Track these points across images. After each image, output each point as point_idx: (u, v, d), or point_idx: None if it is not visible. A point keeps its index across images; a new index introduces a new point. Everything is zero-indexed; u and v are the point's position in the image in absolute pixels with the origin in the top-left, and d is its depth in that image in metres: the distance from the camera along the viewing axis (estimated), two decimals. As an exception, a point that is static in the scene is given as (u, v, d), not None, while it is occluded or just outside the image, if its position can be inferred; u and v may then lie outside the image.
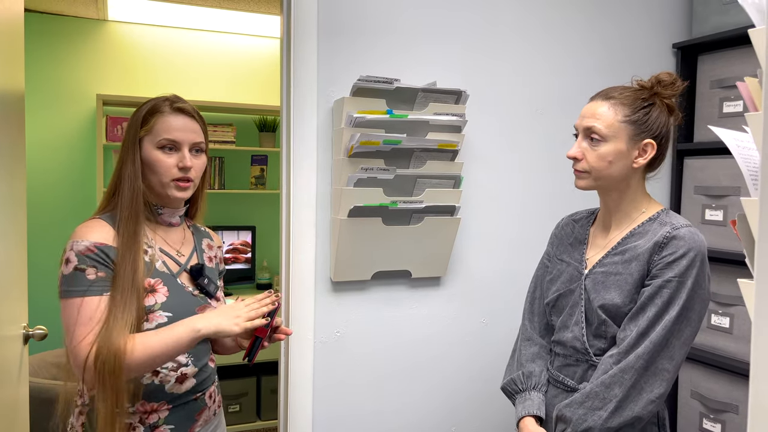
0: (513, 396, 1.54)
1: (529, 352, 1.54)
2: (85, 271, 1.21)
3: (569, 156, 1.40)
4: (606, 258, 1.42)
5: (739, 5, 2.13)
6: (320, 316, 1.91)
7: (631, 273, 1.35)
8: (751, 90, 0.61)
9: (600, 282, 1.40)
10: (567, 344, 1.46)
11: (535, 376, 1.50)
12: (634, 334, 1.30)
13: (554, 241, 1.61)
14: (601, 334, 1.39)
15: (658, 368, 1.29)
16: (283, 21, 1.87)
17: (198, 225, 1.49)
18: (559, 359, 1.49)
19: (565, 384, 1.45)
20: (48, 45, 3.66)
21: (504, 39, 2.10)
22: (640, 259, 1.34)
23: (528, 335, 1.57)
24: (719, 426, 2.06)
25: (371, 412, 2.00)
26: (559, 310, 1.50)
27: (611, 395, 1.29)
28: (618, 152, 1.35)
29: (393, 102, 1.85)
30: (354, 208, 1.77)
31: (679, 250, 1.30)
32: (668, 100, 1.38)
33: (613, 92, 1.38)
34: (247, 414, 3.69)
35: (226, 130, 3.85)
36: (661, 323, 1.28)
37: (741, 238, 0.62)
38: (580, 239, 1.53)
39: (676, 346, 1.29)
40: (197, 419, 1.34)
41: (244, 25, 3.89)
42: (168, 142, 1.30)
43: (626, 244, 1.40)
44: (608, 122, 1.34)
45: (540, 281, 1.61)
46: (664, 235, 1.32)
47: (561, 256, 1.55)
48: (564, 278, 1.50)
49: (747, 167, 0.62)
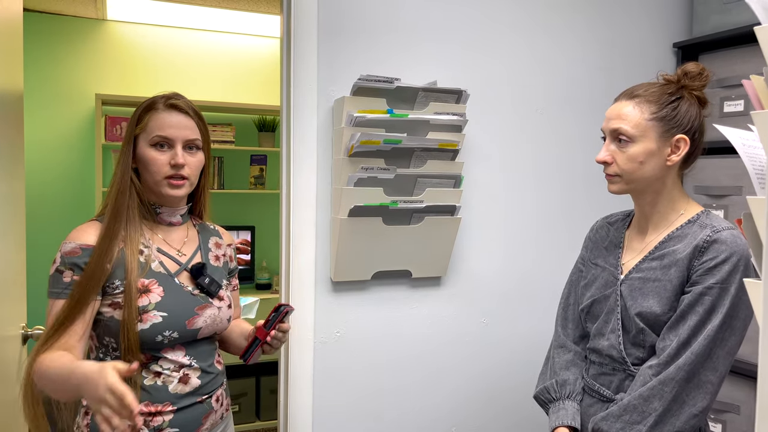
0: (546, 405, 1.47)
1: (563, 360, 1.48)
2: (63, 273, 1.23)
3: (598, 160, 1.34)
4: (643, 263, 1.35)
5: (739, 5, 2.13)
6: (320, 316, 1.90)
7: (670, 279, 1.29)
8: (757, 88, 0.60)
9: (637, 288, 1.34)
10: (603, 352, 1.39)
11: (570, 384, 1.44)
12: (674, 344, 1.24)
13: (589, 244, 1.55)
14: (639, 342, 1.32)
15: (701, 380, 1.22)
16: (283, 20, 1.87)
17: (206, 223, 1.48)
18: (595, 367, 1.42)
19: (601, 393, 1.38)
20: (47, 44, 3.65)
21: (505, 39, 2.10)
22: (680, 265, 1.28)
23: (561, 342, 1.51)
24: (720, 426, 2.05)
25: (371, 411, 1.99)
26: (593, 317, 1.44)
27: (650, 409, 1.23)
28: (648, 152, 1.29)
29: (393, 101, 1.85)
30: (354, 207, 1.76)
31: (720, 255, 1.23)
32: (697, 91, 1.32)
33: (637, 90, 1.33)
34: (246, 414, 3.68)
35: (225, 129, 3.85)
36: (703, 333, 1.22)
37: (747, 238, 0.61)
38: (616, 243, 1.46)
39: (720, 356, 1.23)
40: (203, 422, 1.33)
41: (243, 25, 3.89)
42: (160, 139, 1.28)
43: (664, 249, 1.33)
44: (635, 122, 1.29)
45: (574, 286, 1.54)
46: (705, 238, 1.25)
47: (596, 261, 1.48)
48: (599, 283, 1.43)
49: (753, 166, 0.62)
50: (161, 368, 1.27)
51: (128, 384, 1.23)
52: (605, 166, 1.34)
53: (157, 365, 1.27)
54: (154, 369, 1.27)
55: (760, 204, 0.56)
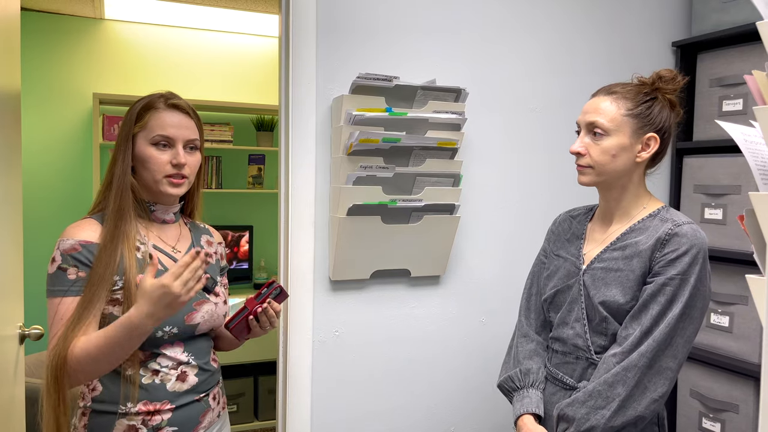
0: (510, 393, 1.52)
1: (526, 349, 1.53)
2: (67, 271, 1.22)
3: (572, 151, 1.39)
4: (605, 253, 1.41)
5: (738, 3, 2.13)
6: (319, 316, 1.90)
7: (632, 269, 1.34)
8: (759, 83, 0.60)
9: (600, 278, 1.39)
10: (567, 341, 1.44)
11: (533, 373, 1.49)
12: (637, 332, 1.29)
13: (551, 237, 1.61)
14: (602, 331, 1.38)
15: (662, 367, 1.28)
16: (282, 19, 1.86)
17: (196, 222, 1.49)
18: (558, 356, 1.48)
19: (564, 382, 1.44)
20: (44, 43, 3.64)
21: (503, 37, 2.09)
22: (642, 256, 1.33)
23: (524, 332, 1.56)
24: (719, 425, 2.05)
25: (370, 411, 1.98)
26: (557, 307, 1.49)
27: (614, 394, 1.28)
28: (621, 146, 1.35)
29: (392, 100, 1.84)
30: (353, 206, 1.76)
31: (681, 247, 1.29)
32: (670, 95, 1.38)
33: (615, 87, 1.39)
34: (244, 414, 3.67)
35: (223, 129, 3.84)
36: (664, 321, 1.28)
37: (749, 234, 0.61)
38: (578, 234, 1.52)
39: (679, 344, 1.29)
40: (201, 421, 1.33)
41: (241, 24, 3.88)
42: (162, 138, 1.29)
43: (626, 240, 1.39)
44: (611, 116, 1.35)
45: (537, 277, 1.60)
46: (666, 231, 1.32)
47: (558, 252, 1.54)
48: (561, 274, 1.49)
49: (755, 162, 0.61)
50: (159, 366, 1.27)
51: (127, 383, 1.23)
52: (578, 158, 1.40)
53: (155, 363, 1.27)
54: (152, 367, 1.27)
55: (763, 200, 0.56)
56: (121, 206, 1.27)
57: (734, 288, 2.06)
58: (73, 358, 1.16)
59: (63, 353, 1.16)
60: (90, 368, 1.17)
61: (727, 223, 2.11)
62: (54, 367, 1.16)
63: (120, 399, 1.24)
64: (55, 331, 1.21)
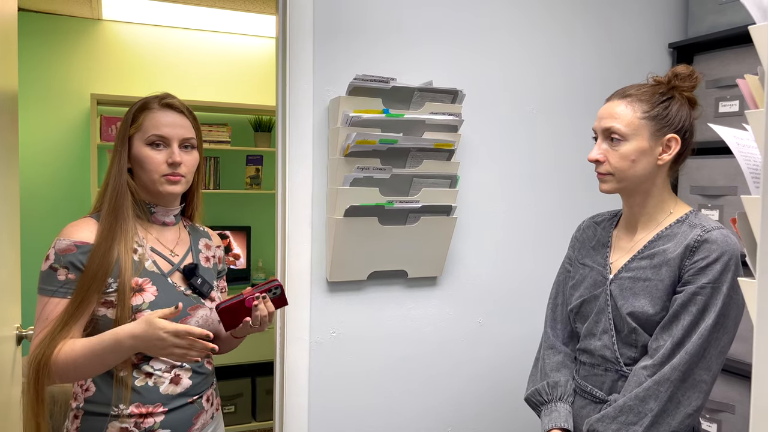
0: (538, 407, 1.46)
1: (554, 361, 1.47)
2: (57, 271, 1.23)
3: (590, 159, 1.34)
4: (632, 262, 1.35)
5: (734, 5, 2.14)
6: (316, 317, 1.90)
7: (661, 279, 1.29)
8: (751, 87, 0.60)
9: (628, 288, 1.33)
10: (595, 353, 1.39)
11: (561, 386, 1.43)
12: (668, 344, 1.24)
13: (575, 244, 1.54)
14: (632, 342, 1.32)
15: (696, 380, 1.22)
16: (279, 20, 1.86)
17: (196, 225, 1.48)
18: (586, 368, 1.42)
19: (593, 395, 1.38)
20: (42, 44, 3.64)
21: (500, 39, 2.10)
22: (671, 264, 1.28)
23: (551, 343, 1.51)
24: (715, 426, 2.06)
25: (367, 411, 1.99)
26: (583, 317, 1.43)
27: (646, 409, 1.23)
28: (641, 150, 1.29)
29: (389, 101, 1.85)
30: (350, 207, 1.76)
31: (712, 254, 1.23)
32: (687, 92, 1.33)
33: (629, 90, 1.34)
34: (242, 415, 3.67)
35: (221, 130, 3.84)
36: (697, 332, 1.22)
37: (741, 237, 0.61)
38: (603, 242, 1.46)
39: (713, 355, 1.23)
40: (194, 423, 1.33)
41: (238, 25, 3.88)
42: (157, 137, 1.29)
43: (654, 248, 1.33)
44: (627, 120, 1.30)
45: (562, 287, 1.54)
46: (696, 238, 1.26)
47: (583, 260, 1.48)
48: (587, 283, 1.43)
49: (747, 165, 0.62)
50: (152, 369, 1.27)
51: (119, 385, 1.23)
52: (597, 165, 1.35)
53: (149, 366, 1.27)
54: (146, 369, 1.26)
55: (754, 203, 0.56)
56: (117, 207, 1.28)
57: (730, 289, 2.07)
58: (56, 362, 1.18)
59: (48, 355, 1.18)
60: (72, 374, 1.20)
61: (723, 225, 2.12)
62: (35, 369, 1.18)
63: (112, 400, 1.24)
64: (39, 329, 1.22)
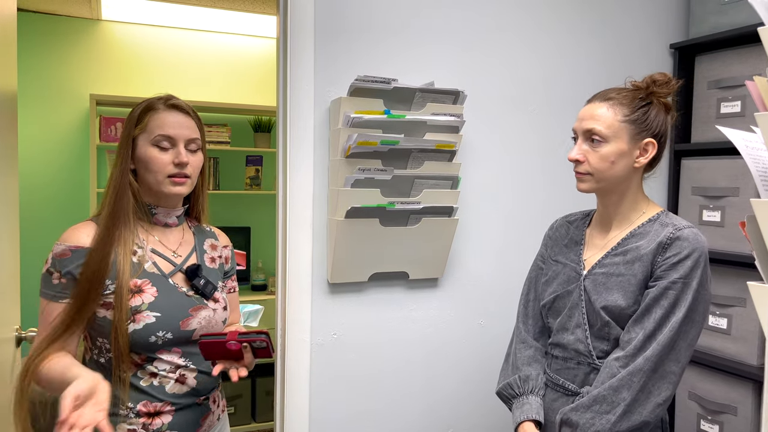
0: (509, 401, 1.51)
1: (525, 355, 1.52)
2: (53, 275, 1.24)
3: (570, 159, 1.39)
4: (606, 258, 1.40)
5: (736, 5, 2.13)
6: (317, 318, 1.89)
7: (634, 274, 1.34)
8: (760, 89, 0.59)
9: (601, 283, 1.38)
10: (568, 347, 1.43)
11: (532, 379, 1.48)
12: (640, 336, 1.29)
13: (548, 242, 1.60)
14: (604, 336, 1.37)
15: (666, 371, 1.28)
16: (280, 20, 1.86)
17: (202, 226, 1.47)
18: (558, 362, 1.47)
19: (566, 387, 1.42)
20: (41, 44, 3.63)
21: (501, 39, 2.09)
22: (644, 260, 1.33)
23: (523, 338, 1.55)
24: (717, 427, 2.05)
25: (368, 414, 1.98)
26: (556, 312, 1.48)
27: (620, 399, 1.27)
28: (620, 152, 1.34)
29: (390, 102, 1.84)
30: (351, 209, 1.76)
31: (683, 251, 1.29)
32: (664, 99, 1.39)
33: (610, 93, 1.39)
34: (242, 416, 3.67)
35: (220, 130, 3.83)
36: (668, 325, 1.28)
37: (750, 241, 0.60)
38: (576, 240, 1.51)
39: (682, 348, 1.29)
40: (201, 424, 1.33)
41: (239, 25, 3.87)
42: (163, 138, 1.28)
43: (627, 245, 1.38)
44: (608, 123, 1.34)
45: (534, 283, 1.59)
46: (668, 236, 1.32)
47: (556, 257, 1.53)
48: (561, 279, 1.48)
49: (756, 168, 0.61)
50: (156, 369, 1.26)
51: (118, 382, 1.23)
52: (576, 165, 1.40)
53: (152, 366, 1.26)
54: (150, 370, 1.26)
55: (764, 206, 0.56)
56: (116, 209, 1.27)
57: (732, 290, 2.06)
58: (39, 375, 1.19)
59: (36, 364, 1.19)
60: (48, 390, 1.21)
61: (725, 225, 2.11)
62: (22, 374, 1.20)
63: (116, 400, 1.23)
64: (40, 330, 1.24)
